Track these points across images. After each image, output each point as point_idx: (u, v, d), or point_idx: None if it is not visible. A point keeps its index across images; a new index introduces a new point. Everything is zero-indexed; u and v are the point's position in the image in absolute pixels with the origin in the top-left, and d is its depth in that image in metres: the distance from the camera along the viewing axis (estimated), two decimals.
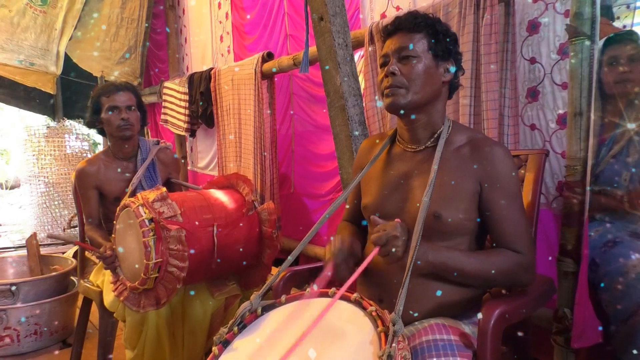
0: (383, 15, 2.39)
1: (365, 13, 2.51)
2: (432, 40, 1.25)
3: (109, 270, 2.07)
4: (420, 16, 1.27)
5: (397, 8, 2.29)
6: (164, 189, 1.88)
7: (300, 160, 3.02)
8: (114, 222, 1.97)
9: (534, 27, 1.74)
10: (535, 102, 1.77)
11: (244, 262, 2.09)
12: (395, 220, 1.16)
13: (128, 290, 1.83)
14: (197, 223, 1.88)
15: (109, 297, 2.02)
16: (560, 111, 1.69)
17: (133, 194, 2.24)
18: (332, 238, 1.25)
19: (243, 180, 2.21)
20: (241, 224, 2.06)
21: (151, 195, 1.83)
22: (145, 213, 1.76)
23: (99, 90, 2.23)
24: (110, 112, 2.19)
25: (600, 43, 1.77)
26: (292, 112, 3.08)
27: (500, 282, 1.24)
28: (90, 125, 2.31)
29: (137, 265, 1.78)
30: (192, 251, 1.80)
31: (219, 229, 1.94)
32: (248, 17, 3.28)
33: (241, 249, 2.04)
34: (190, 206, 1.93)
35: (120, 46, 4.21)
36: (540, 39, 1.73)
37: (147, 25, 4.18)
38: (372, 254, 1.12)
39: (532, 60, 1.76)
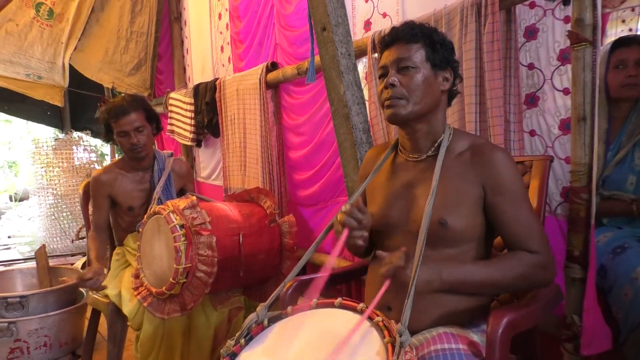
0: (367, 22, 2.40)
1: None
2: (430, 50, 1.26)
3: (127, 278, 2.10)
4: (417, 26, 1.28)
5: (384, 15, 2.30)
6: (194, 197, 1.96)
7: (288, 169, 3.04)
8: (140, 230, 2.02)
9: (531, 33, 1.74)
10: (535, 108, 1.76)
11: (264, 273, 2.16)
12: (400, 249, 1.15)
13: (153, 296, 1.86)
14: (224, 231, 1.95)
15: (129, 304, 2.04)
16: (563, 117, 1.69)
17: (149, 203, 2.28)
18: (343, 206, 1.22)
19: (265, 193, 2.31)
20: (264, 235, 2.13)
21: (181, 203, 1.90)
22: (176, 219, 1.83)
23: (106, 114, 2.23)
24: (120, 137, 2.23)
25: (607, 46, 1.78)
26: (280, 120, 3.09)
27: (520, 287, 1.24)
28: (107, 141, 2.36)
29: (165, 271, 1.83)
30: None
31: (244, 238, 1.99)
32: (241, 24, 3.31)
33: (263, 258, 2.10)
34: (217, 215, 2.01)
35: (130, 59, 4.28)
36: (539, 44, 1.73)
37: (156, 37, 4.23)
38: (384, 287, 1.11)
39: (531, 66, 1.76)
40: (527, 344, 1.36)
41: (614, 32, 2.22)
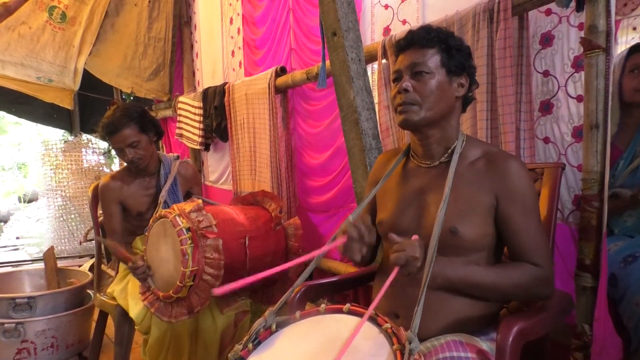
0: (387, 29, 2.39)
1: (365, 26, 2.50)
2: (445, 56, 1.24)
3: (133, 282, 2.10)
4: (433, 31, 1.26)
5: (404, 22, 2.29)
6: (200, 200, 1.95)
7: (300, 175, 3.04)
8: (146, 233, 2.01)
9: (547, 40, 1.74)
10: (549, 115, 1.75)
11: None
12: (413, 237, 1.15)
13: (160, 301, 1.87)
14: (230, 234, 1.95)
15: (136, 308, 2.03)
16: (576, 124, 1.68)
17: (156, 207, 2.28)
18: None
19: (270, 197, 2.31)
20: (270, 238, 2.13)
21: (187, 206, 1.90)
22: (182, 223, 1.82)
23: (102, 130, 2.22)
24: (117, 152, 2.25)
25: (624, 52, 1.77)
26: (292, 126, 3.09)
27: (519, 296, 1.25)
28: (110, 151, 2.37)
29: (172, 274, 1.83)
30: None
31: (250, 241, 1.99)
32: (259, 32, 3.31)
33: (269, 261, 2.10)
34: (223, 218, 2.00)
35: (149, 64, 4.33)
36: (554, 52, 1.72)
37: (173, 42, 4.27)
38: (393, 274, 1.11)
39: (546, 73, 1.75)
40: (537, 353, 1.35)
41: (625, 39, 2.21)
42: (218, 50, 3.92)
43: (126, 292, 2.14)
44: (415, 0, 2.21)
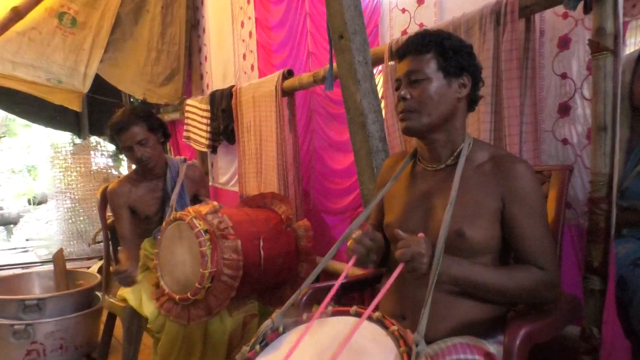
0: (404, 32, 2.39)
1: (384, 30, 2.51)
2: (441, 59, 1.23)
3: (147, 281, 2.12)
4: (428, 35, 1.26)
5: (421, 25, 2.29)
6: (216, 203, 1.97)
7: (318, 177, 3.03)
8: (159, 237, 2.03)
9: (564, 43, 1.73)
10: (567, 117, 1.75)
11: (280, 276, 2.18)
12: (419, 235, 1.16)
13: (176, 304, 1.88)
14: (246, 235, 1.97)
15: (151, 306, 2.04)
16: (590, 126, 1.67)
17: (163, 211, 2.29)
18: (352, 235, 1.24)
19: (280, 198, 2.32)
20: (281, 239, 2.16)
21: (203, 208, 1.91)
22: (200, 225, 1.83)
23: (110, 129, 2.23)
24: (125, 152, 2.25)
25: (634, 54, 1.76)
26: (312, 128, 3.09)
27: (522, 298, 1.24)
28: (119, 154, 2.37)
29: (189, 276, 1.84)
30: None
31: (264, 242, 2.02)
32: (277, 37, 3.33)
33: (281, 262, 2.12)
34: (238, 220, 2.02)
35: (162, 69, 4.36)
36: (571, 54, 1.72)
37: (186, 47, 4.31)
38: (397, 270, 1.11)
39: (563, 76, 1.75)
40: (544, 356, 1.34)
41: (633, 41, 2.19)
42: (229, 53, 3.93)
43: (139, 292, 2.15)
44: (432, 3, 2.21)
